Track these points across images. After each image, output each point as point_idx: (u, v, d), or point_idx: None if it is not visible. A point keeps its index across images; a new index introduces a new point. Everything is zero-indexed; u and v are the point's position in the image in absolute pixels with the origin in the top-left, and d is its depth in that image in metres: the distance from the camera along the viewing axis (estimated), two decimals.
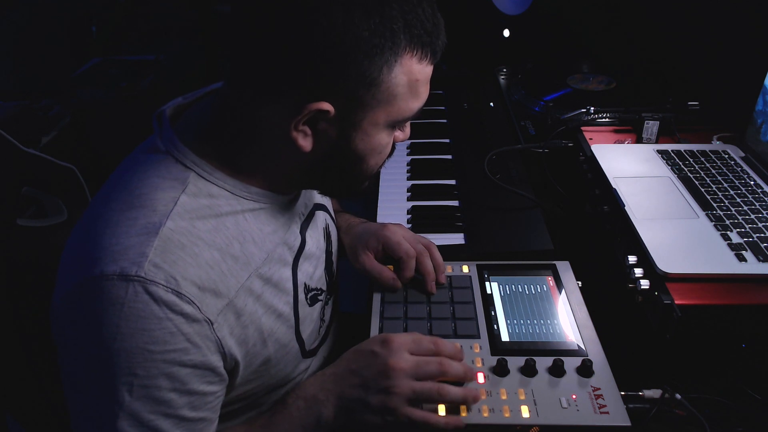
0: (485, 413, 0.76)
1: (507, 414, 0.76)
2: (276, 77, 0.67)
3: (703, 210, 1.01)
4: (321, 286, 0.89)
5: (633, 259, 0.93)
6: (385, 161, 0.80)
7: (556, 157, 1.29)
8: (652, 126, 1.26)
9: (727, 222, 0.98)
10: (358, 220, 1.06)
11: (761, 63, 1.14)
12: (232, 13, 0.69)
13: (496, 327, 0.89)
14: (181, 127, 0.75)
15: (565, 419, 0.75)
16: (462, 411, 0.76)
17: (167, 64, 2.58)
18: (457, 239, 1.13)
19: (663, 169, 1.14)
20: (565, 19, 1.70)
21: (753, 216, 0.99)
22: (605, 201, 1.10)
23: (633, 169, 1.14)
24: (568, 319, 0.90)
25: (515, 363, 0.82)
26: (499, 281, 0.98)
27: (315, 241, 0.88)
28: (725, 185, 1.08)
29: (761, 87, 1.14)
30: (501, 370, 0.81)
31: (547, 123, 1.34)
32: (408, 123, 0.78)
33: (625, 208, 1.02)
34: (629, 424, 0.74)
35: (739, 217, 0.99)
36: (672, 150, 1.20)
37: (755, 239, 0.93)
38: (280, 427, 0.77)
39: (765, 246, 0.91)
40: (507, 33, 1.82)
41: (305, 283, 0.84)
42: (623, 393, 0.79)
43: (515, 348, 0.85)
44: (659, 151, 1.20)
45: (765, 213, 1.00)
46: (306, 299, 0.84)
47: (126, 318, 0.62)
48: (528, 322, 0.90)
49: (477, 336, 0.88)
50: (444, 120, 1.61)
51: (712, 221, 0.98)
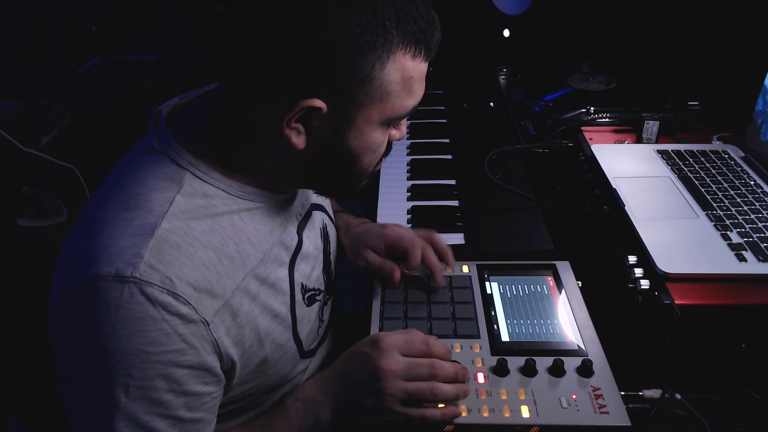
0: (485, 413, 0.76)
1: (507, 414, 0.76)
2: (268, 75, 0.66)
3: (703, 210, 1.01)
4: (319, 286, 0.89)
5: (633, 259, 0.93)
6: (381, 160, 0.80)
7: (556, 157, 1.28)
8: (652, 126, 1.26)
9: (727, 222, 0.97)
10: (357, 220, 1.06)
11: (761, 63, 1.14)
12: (225, 12, 0.69)
13: (496, 327, 0.89)
14: (178, 128, 0.75)
15: (565, 419, 0.75)
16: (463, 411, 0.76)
17: (167, 64, 2.58)
18: (457, 239, 1.13)
19: (663, 169, 1.14)
20: (565, 19, 1.70)
21: (753, 216, 0.99)
22: (605, 201, 1.10)
23: (633, 169, 1.14)
24: (568, 319, 0.90)
25: (515, 363, 0.81)
26: (499, 281, 0.98)
27: (312, 241, 0.87)
28: (725, 185, 1.08)
29: (761, 87, 1.13)
30: (501, 370, 0.81)
31: (547, 123, 1.34)
32: (404, 121, 0.78)
33: (625, 208, 1.02)
34: (629, 424, 0.74)
35: (739, 217, 0.98)
36: (672, 150, 1.20)
37: (755, 239, 0.93)
38: (278, 429, 0.77)
39: (765, 246, 0.91)
40: (507, 33, 1.82)
41: (302, 284, 0.84)
42: (623, 393, 0.79)
43: (515, 348, 0.85)
44: (659, 151, 1.20)
45: (765, 213, 0.99)
46: (303, 299, 0.84)
47: (122, 319, 0.62)
48: (528, 322, 0.90)
49: (477, 336, 0.87)
50: (444, 120, 1.61)
51: (712, 221, 0.98)
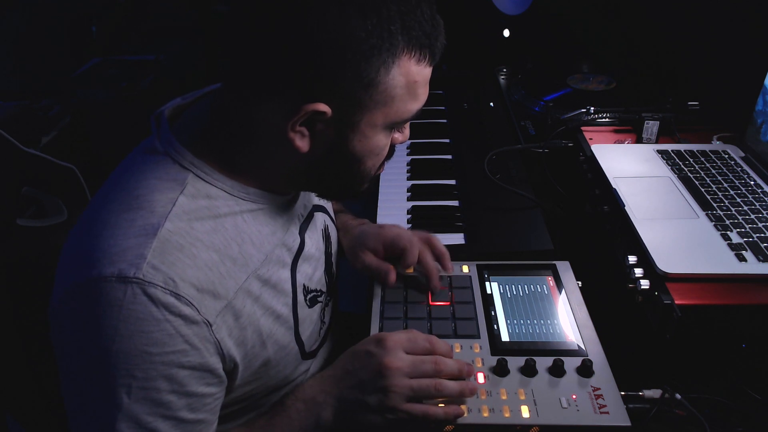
0: (485, 413, 0.76)
1: (507, 414, 0.76)
2: (273, 77, 0.66)
3: (703, 210, 1.01)
4: (320, 287, 0.89)
5: (633, 259, 0.93)
6: (384, 163, 0.80)
7: (556, 157, 1.28)
8: (652, 126, 1.26)
9: (727, 222, 0.98)
10: (356, 221, 1.06)
11: (761, 63, 1.14)
12: (229, 13, 0.69)
13: (496, 327, 0.89)
14: (180, 128, 0.75)
15: (565, 419, 0.75)
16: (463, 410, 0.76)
17: (167, 64, 2.58)
18: (457, 239, 1.13)
19: (663, 169, 1.14)
20: (565, 19, 1.70)
21: (753, 216, 0.99)
22: (605, 201, 1.10)
23: (633, 169, 1.14)
24: (568, 319, 0.90)
25: (515, 363, 0.82)
26: (499, 281, 0.98)
27: (314, 243, 0.87)
28: (725, 185, 1.08)
29: (761, 87, 1.13)
30: (501, 370, 0.81)
31: (547, 123, 1.34)
32: (407, 125, 0.78)
33: (625, 208, 1.02)
34: (629, 424, 0.74)
35: (739, 217, 0.98)
36: (672, 150, 1.20)
37: (755, 239, 0.93)
38: (279, 429, 0.77)
39: (765, 246, 0.91)
40: (507, 33, 1.82)
41: (304, 285, 0.84)
42: (623, 393, 0.79)
43: (515, 348, 0.85)
44: (659, 151, 1.20)
45: (765, 213, 1.00)
46: (305, 301, 0.84)
47: (124, 320, 0.62)
48: (528, 322, 0.90)
49: (477, 336, 0.88)
50: (444, 120, 1.61)
51: (712, 221, 0.98)
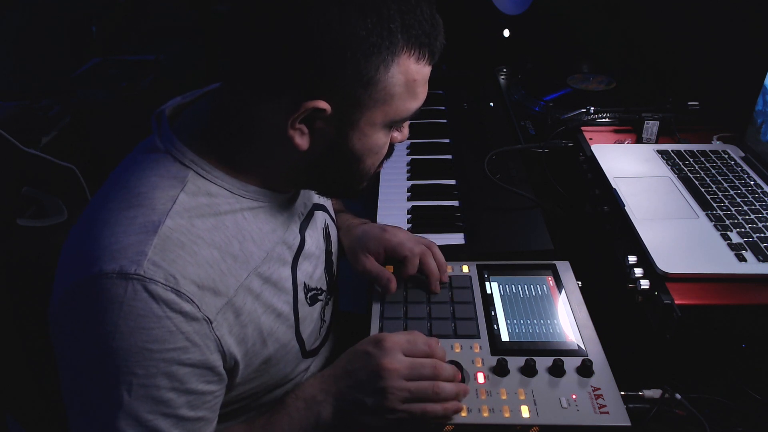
0: (485, 413, 0.76)
1: (507, 414, 0.76)
2: (273, 76, 0.67)
3: (703, 210, 1.01)
4: (321, 286, 0.89)
5: (633, 259, 0.93)
6: (383, 162, 0.80)
7: (556, 157, 1.28)
8: (652, 126, 1.26)
9: (727, 222, 0.98)
10: (358, 221, 1.06)
11: (761, 63, 1.14)
12: (230, 13, 0.69)
13: (496, 327, 0.89)
14: (180, 127, 0.75)
15: (565, 419, 0.75)
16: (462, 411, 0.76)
17: (167, 64, 2.58)
18: (457, 239, 1.13)
19: (663, 169, 1.14)
20: (565, 19, 1.70)
21: (753, 216, 0.99)
22: (605, 201, 1.10)
23: (633, 169, 1.14)
24: (568, 319, 0.90)
25: (515, 363, 0.81)
26: (499, 281, 0.98)
27: (314, 241, 0.87)
28: (725, 185, 1.08)
29: (761, 87, 1.13)
30: (501, 370, 0.81)
31: (547, 123, 1.34)
32: (406, 123, 0.78)
33: (625, 208, 1.02)
34: (629, 424, 0.74)
35: (739, 217, 0.98)
36: (672, 150, 1.20)
37: (755, 239, 0.93)
38: (279, 428, 0.77)
39: (765, 246, 0.91)
40: (507, 33, 1.82)
41: (305, 283, 0.84)
42: (623, 393, 0.79)
43: (515, 348, 0.85)
44: (659, 151, 1.20)
45: (765, 213, 1.00)
46: (306, 299, 0.84)
47: (125, 317, 0.62)
48: (528, 322, 0.90)
49: (477, 336, 0.88)
50: (444, 120, 1.61)
51: (712, 221, 0.98)
